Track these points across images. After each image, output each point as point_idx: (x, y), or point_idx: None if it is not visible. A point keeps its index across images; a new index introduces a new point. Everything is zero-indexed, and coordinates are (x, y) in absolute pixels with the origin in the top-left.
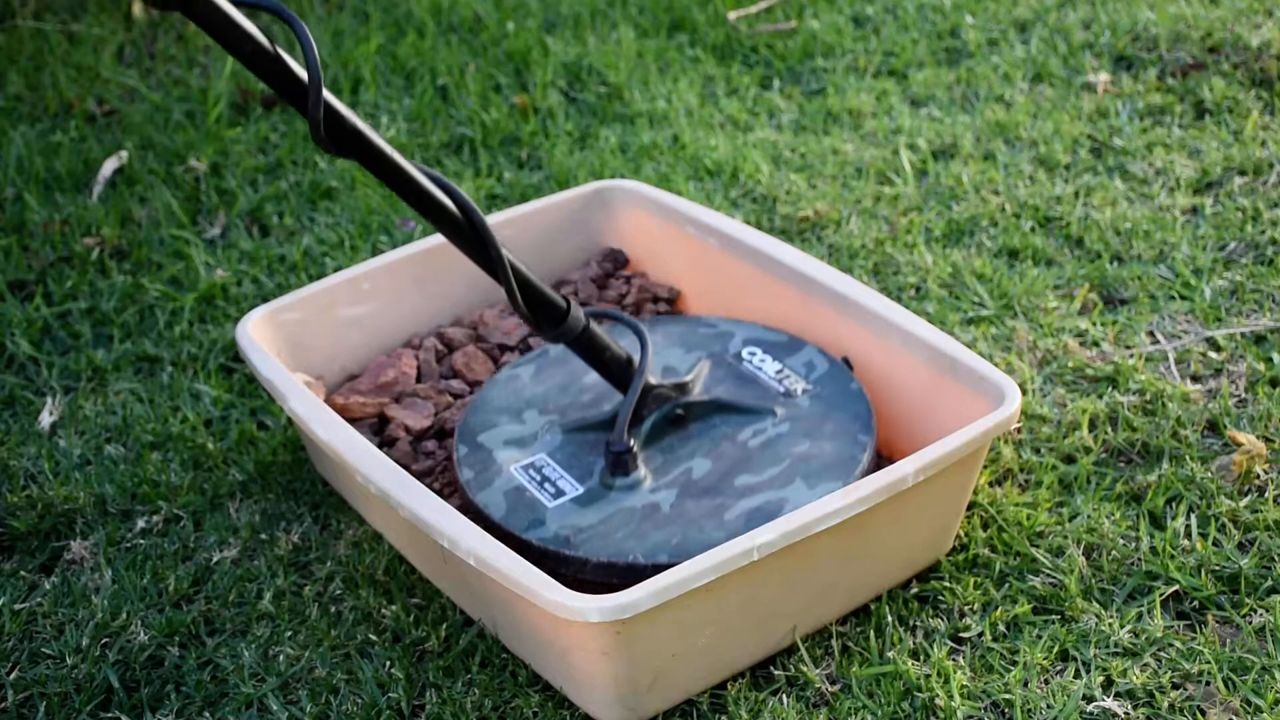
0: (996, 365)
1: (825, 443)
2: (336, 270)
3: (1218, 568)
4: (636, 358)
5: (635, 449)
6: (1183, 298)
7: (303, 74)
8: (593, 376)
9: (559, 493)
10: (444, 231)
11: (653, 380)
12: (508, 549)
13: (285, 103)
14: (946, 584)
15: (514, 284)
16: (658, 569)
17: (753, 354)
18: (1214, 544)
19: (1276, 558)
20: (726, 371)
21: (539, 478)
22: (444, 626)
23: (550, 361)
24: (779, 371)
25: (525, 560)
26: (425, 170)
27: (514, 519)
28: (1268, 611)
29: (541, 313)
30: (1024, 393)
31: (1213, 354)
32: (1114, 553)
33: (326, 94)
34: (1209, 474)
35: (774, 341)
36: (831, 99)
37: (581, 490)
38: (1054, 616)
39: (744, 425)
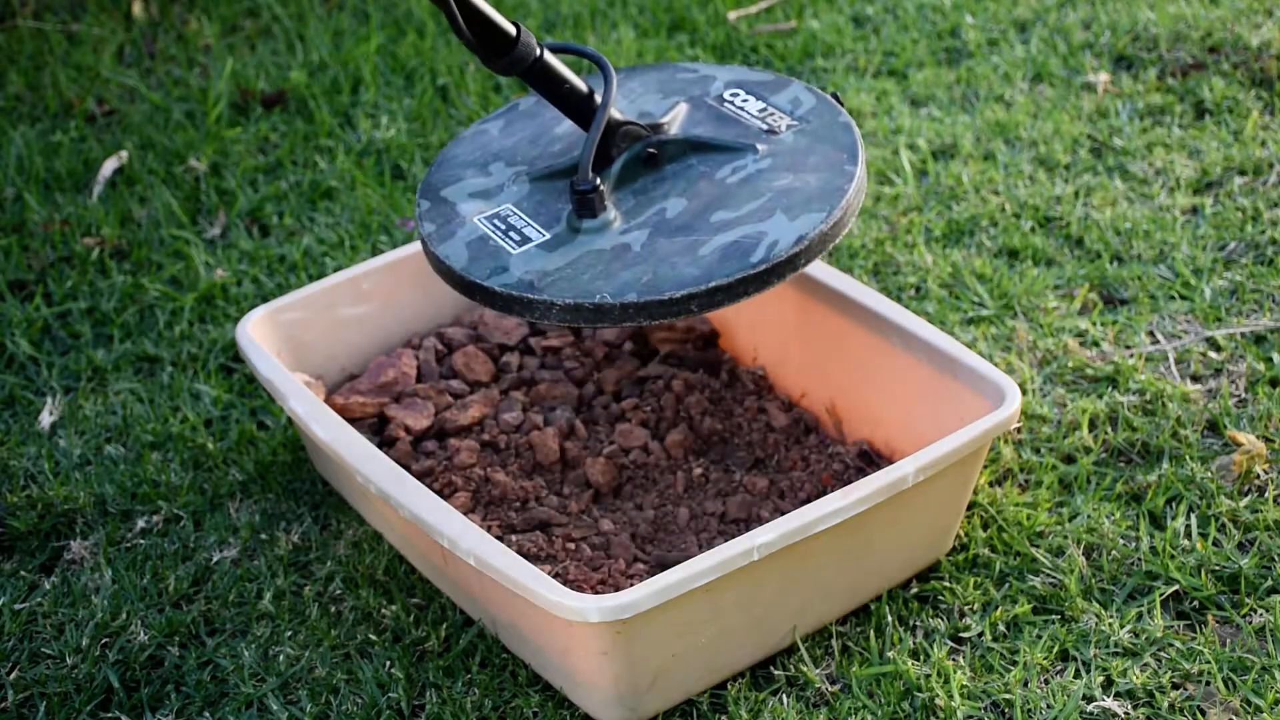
0: (996, 365)
1: (809, 175)
2: (336, 270)
3: (1218, 568)
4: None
5: (603, 189)
6: (1183, 298)
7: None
8: (565, 126)
9: (524, 240)
10: None
11: (622, 117)
12: (507, 549)
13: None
14: (946, 584)
15: (454, 6)
16: (626, 308)
17: (735, 94)
18: (1214, 544)
19: (1276, 558)
20: (707, 113)
21: (504, 226)
22: (444, 626)
23: (520, 115)
24: (762, 110)
25: (523, 560)
26: None
27: (476, 268)
28: (1268, 611)
29: (487, 38)
30: (1024, 393)
31: (1213, 354)
32: (1114, 553)
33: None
34: (1209, 474)
35: (758, 81)
36: None
37: (548, 236)
38: (1054, 616)
39: (723, 163)
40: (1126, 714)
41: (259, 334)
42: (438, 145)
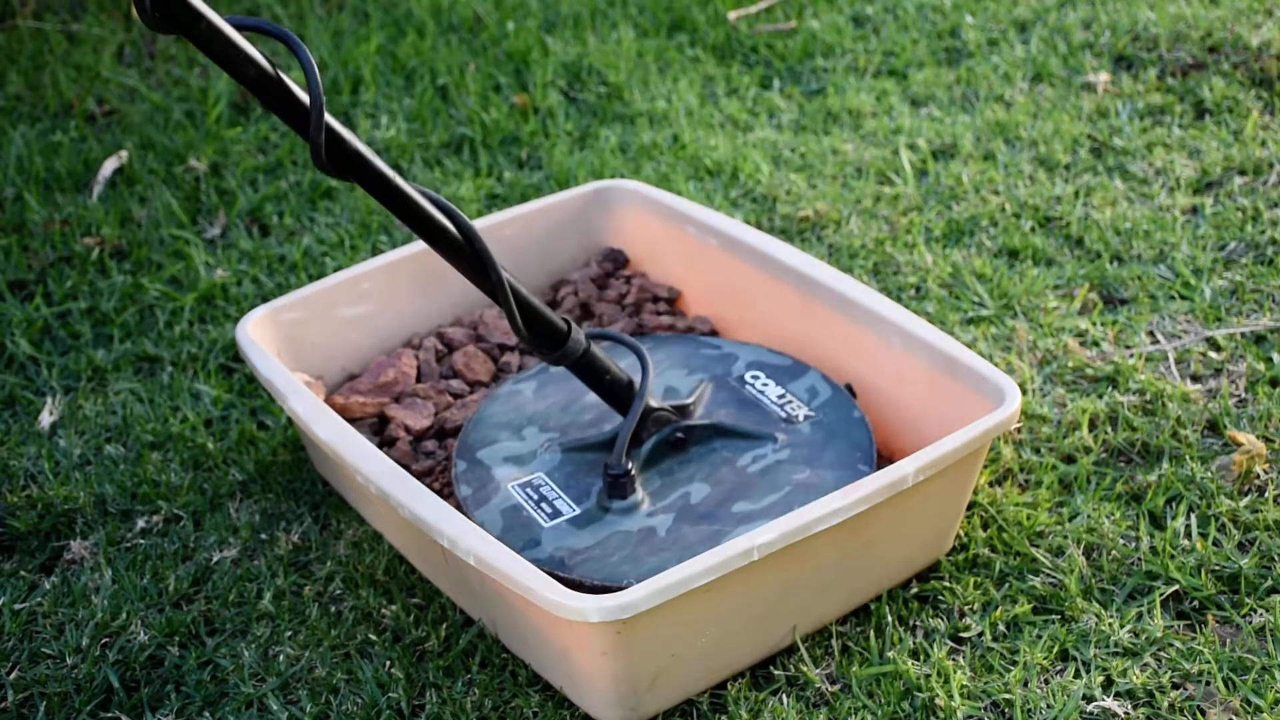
0: (996, 365)
1: (825, 471)
2: (336, 270)
3: (1218, 568)
4: (637, 380)
5: (633, 472)
6: (1183, 298)
7: (304, 97)
8: (595, 395)
9: (556, 513)
10: (443, 253)
11: (653, 403)
12: (507, 549)
13: (287, 125)
14: (946, 584)
15: (514, 307)
16: None
17: (755, 377)
18: (1214, 544)
19: (1276, 558)
20: (729, 395)
21: (536, 497)
22: (444, 626)
23: (552, 378)
24: (781, 396)
25: (523, 560)
26: (425, 192)
27: (510, 538)
28: (1268, 611)
29: (542, 335)
30: (1024, 393)
31: (1213, 354)
32: (1114, 553)
33: (328, 117)
34: (1209, 474)
35: (777, 365)
36: (831, 99)
37: (578, 511)
38: (1054, 616)
39: (744, 450)
40: (1126, 714)
41: (259, 334)
42: (438, 145)
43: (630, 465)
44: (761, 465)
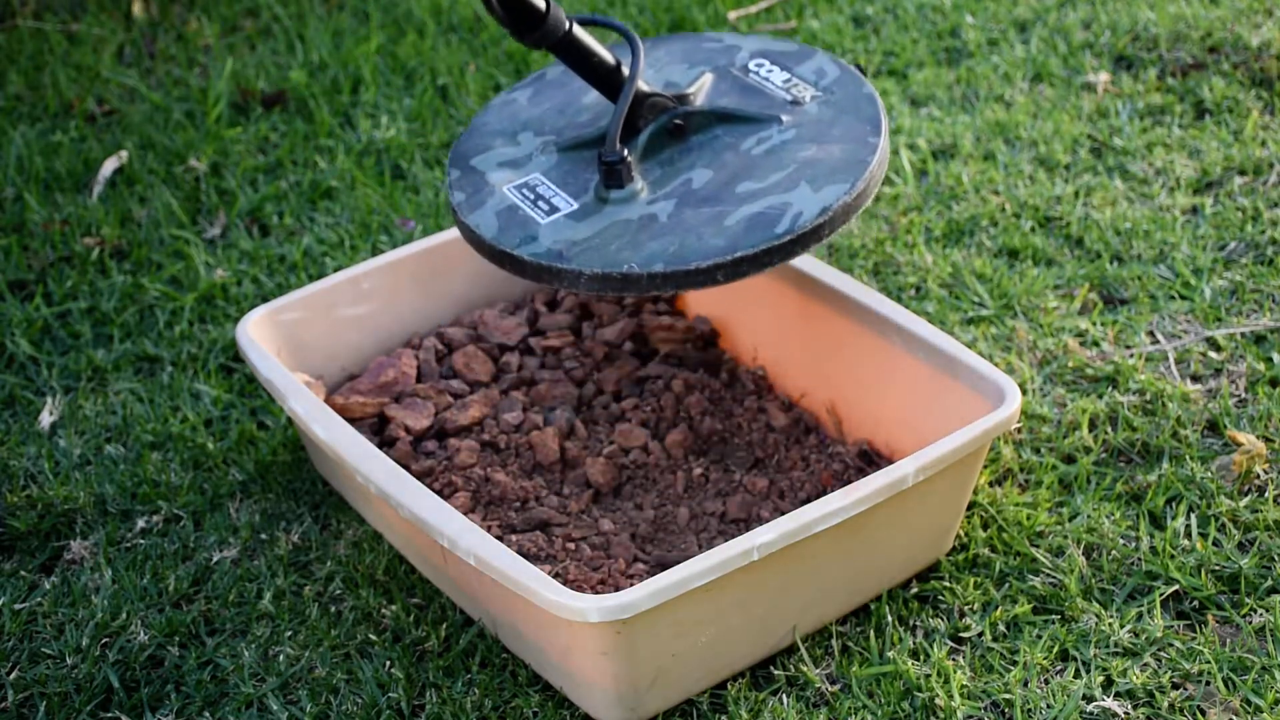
0: (996, 365)
1: (833, 146)
2: (336, 270)
3: (1218, 568)
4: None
5: (630, 160)
6: (1183, 298)
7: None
8: (592, 96)
9: (553, 209)
10: None
11: (648, 89)
12: (507, 549)
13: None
14: (946, 584)
15: None
16: (653, 278)
17: (760, 65)
18: (1214, 544)
19: (1276, 558)
20: (731, 84)
21: (533, 196)
22: (444, 626)
23: (548, 84)
24: (787, 80)
25: (523, 560)
26: None
27: (506, 237)
28: (1268, 611)
29: (519, 13)
30: (1024, 393)
31: (1213, 354)
32: (1114, 553)
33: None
34: (1209, 474)
35: (783, 51)
36: None
37: (576, 206)
38: (1054, 616)
39: (748, 134)
40: (1126, 714)
41: (259, 334)
42: (438, 145)
43: (626, 152)
44: (766, 146)
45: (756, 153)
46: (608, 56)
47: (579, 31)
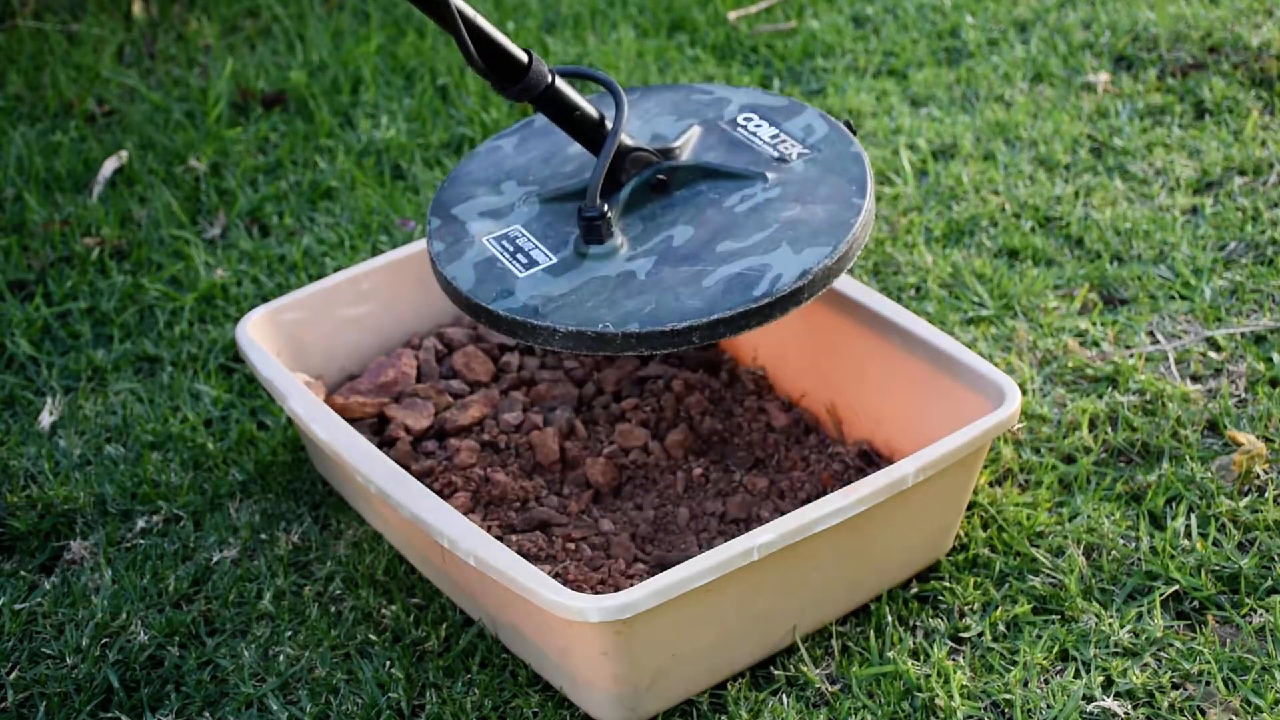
0: (996, 365)
1: (817, 206)
2: (336, 270)
3: (1218, 568)
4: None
5: (610, 215)
6: (1183, 298)
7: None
8: (578, 146)
9: (531, 263)
10: None
11: (632, 143)
12: (507, 549)
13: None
14: (946, 584)
15: (464, 33)
16: (628, 338)
17: (749, 119)
18: (1214, 544)
19: (1276, 558)
20: (719, 138)
21: (512, 248)
22: (444, 626)
23: (535, 131)
24: (774, 136)
25: (523, 560)
26: None
27: (482, 290)
28: (1268, 611)
29: (499, 66)
30: (1024, 393)
31: (1213, 354)
32: (1114, 553)
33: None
34: (1209, 474)
35: (772, 106)
36: (831, 99)
37: (555, 260)
38: (1054, 616)
39: (732, 191)
40: (1126, 714)
41: (259, 334)
42: (438, 145)
43: (606, 208)
44: (750, 205)
45: (740, 210)
46: (591, 110)
47: (562, 84)
